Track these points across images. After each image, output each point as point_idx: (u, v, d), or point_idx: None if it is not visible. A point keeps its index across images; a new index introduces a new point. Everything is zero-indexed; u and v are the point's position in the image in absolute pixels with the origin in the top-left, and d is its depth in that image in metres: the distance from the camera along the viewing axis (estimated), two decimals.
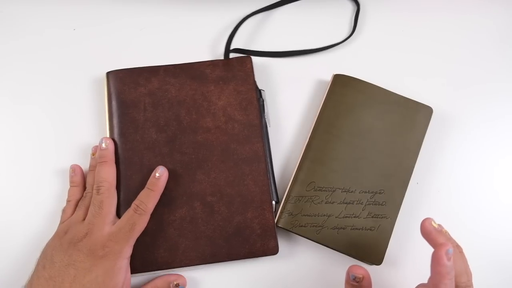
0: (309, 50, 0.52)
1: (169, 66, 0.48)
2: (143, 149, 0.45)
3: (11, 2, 0.53)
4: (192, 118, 0.47)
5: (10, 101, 0.49)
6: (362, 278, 0.39)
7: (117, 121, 0.46)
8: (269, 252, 0.44)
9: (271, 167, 0.47)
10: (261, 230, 0.44)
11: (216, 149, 0.46)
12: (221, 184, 0.45)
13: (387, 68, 0.53)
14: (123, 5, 0.53)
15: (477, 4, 0.56)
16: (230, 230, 0.44)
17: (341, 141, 0.47)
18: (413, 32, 0.54)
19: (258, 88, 0.49)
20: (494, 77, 0.53)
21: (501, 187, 0.49)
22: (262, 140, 0.46)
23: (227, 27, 0.53)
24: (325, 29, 0.54)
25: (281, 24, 0.54)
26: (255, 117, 0.47)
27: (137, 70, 0.48)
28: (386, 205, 0.46)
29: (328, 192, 0.46)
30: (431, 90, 0.52)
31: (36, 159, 0.47)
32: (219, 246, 0.44)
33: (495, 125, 0.51)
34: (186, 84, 0.48)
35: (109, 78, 0.48)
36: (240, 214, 0.44)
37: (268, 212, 0.45)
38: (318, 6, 0.55)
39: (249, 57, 0.49)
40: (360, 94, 0.49)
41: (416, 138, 0.48)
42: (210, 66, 0.48)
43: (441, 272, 0.34)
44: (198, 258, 0.43)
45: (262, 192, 0.45)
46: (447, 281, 0.34)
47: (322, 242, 0.44)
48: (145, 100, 0.47)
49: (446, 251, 0.34)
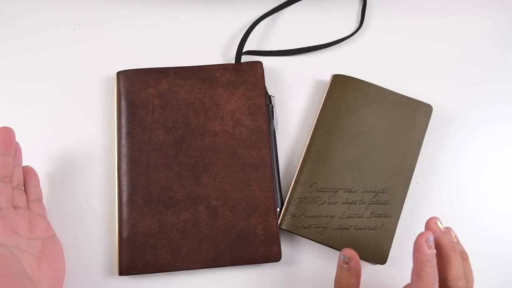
0: (319, 45, 0.52)
1: (179, 68, 0.48)
2: (150, 150, 0.45)
3: (11, 2, 0.53)
4: (200, 121, 0.47)
5: (10, 100, 0.49)
6: (351, 259, 0.39)
7: (125, 121, 0.46)
8: (271, 258, 0.44)
9: (277, 174, 0.47)
10: (264, 236, 0.44)
11: (222, 153, 0.46)
12: (226, 189, 0.45)
13: (387, 68, 0.53)
14: (123, 5, 0.53)
15: (477, 4, 0.56)
16: (233, 235, 0.44)
17: (342, 141, 0.47)
18: (413, 32, 0.55)
19: (268, 93, 0.49)
20: (494, 77, 0.53)
21: (501, 187, 0.49)
22: (269, 146, 0.46)
23: (227, 27, 0.53)
24: (331, 27, 0.54)
25: (288, 24, 0.54)
26: (263, 123, 0.47)
27: (147, 70, 0.48)
28: (388, 204, 0.46)
29: (331, 192, 0.46)
30: (431, 90, 0.52)
31: (37, 159, 0.47)
32: (222, 250, 0.43)
33: (495, 125, 0.51)
34: (195, 86, 0.48)
35: (119, 78, 0.48)
36: (244, 219, 0.44)
37: (272, 219, 0.44)
38: (322, 6, 0.55)
39: (260, 62, 0.49)
40: (360, 94, 0.49)
41: (417, 136, 0.48)
42: (220, 69, 0.48)
43: (421, 260, 0.35)
44: (200, 262, 0.43)
45: (267, 198, 0.45)
46: (428, 269, 0.34)
47: (326, 243, 0.44)
48: (154, 101, 0.47)
49: (426, 239, 0.35)
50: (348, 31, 0.54)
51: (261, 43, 0.53)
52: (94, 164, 0.47)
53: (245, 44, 0.52)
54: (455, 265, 0.36)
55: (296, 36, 0.53)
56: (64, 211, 0.45)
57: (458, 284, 0.36)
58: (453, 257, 0.37)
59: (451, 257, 0.37)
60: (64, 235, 0.44)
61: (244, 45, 0.50)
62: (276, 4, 0.54)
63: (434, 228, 0.37)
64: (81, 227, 0.45)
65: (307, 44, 0.53)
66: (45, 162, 0.47)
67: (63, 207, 0.46)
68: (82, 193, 0.46)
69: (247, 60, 0.50)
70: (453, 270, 0.36)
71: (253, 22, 0.52)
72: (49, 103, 0.49)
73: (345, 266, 0.39)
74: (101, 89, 0.50)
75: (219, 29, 0.53)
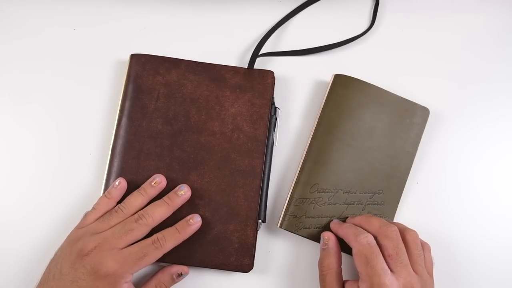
0: (329, 45, 0.52)
1: (192, 62, 0.48)
2: (145, 137, 0.46)
3: (11, 2, 0.52)
4: (200, 118, 0.47)
5: (10, 100, 0.49)
6: (328, 240, 0.44)
7: (128, 103, 0.47)
8: (241, 268, 0.44)
9: (266, 186, 0.46)
10: (239, 244, 0.44)
11: (216, 154, 0.46)
12: (212, 190, 0.45)
13: (387, 68, 0.53)
14: (123, 5, 0.53)
15: (477, 4, 0.56)
16: (208, 237, 0.44)
17: (342, 142, 0.47)
18: (413, 32, 0.54)
19: (274, 104, 0.48)
20: (495, 77, 0.53)
21: (501, 187, 0.50)
22: (262, 157, 0.46)
23: (226, 27, 0.53)
24: (341, 27, 0.54)
25: (298, 25, 0.54)
26: (262, 133, 0.46)
27: (160, 58, 0.48)
28: (384, 205, 0.47)
29: (331, 193, 0.46)
30: (431, 90, 0.52)
31: (38, 159, 0.48)
32: (194, 250, 0.43)
33: (495, 124, 0.52)
34: (203, 83, 0.48)
35: (132, 61, 0.48)
36: (222, 224, 0.44)
37: (250, 229, 0.44)
38: (331, 7, 0.55)
39: (271, 72, 0.48)
40: (360, 94, 0.48)
41: (413, 139, 0.49)
42: (231, 71, 0.48)
43: (347, 233, 0.43)
44: (170, 256, 0.43)
45: (250, 208, 0.45)
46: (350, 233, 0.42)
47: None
48: (160, 89, 0.47)
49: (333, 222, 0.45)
50: (351, 32, 0.53)
51: (274, 45, 0.53)
52: (94, 164, 0.48)
53: (247, 45, 0.52)
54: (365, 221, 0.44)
55: (303, 37, 0.53)
56: (64, 210, 0.46)
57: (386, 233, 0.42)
58: (357, 221, 0.44)
59: (359, 222, 0.44)
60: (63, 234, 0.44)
61: (259, 52, 0.50)
62: (291, 8, 0.54)
63: (331, 227, 0.45)
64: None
65: (314, 45, 0.52)
66: (45, 162, 0.48)
67: (59, 207, 0.46)
68: (83, 193, 0.47)
69: (261, 63, 0.50)
70: (370, 227, 0.43)
71: (270, 29, 0.52)
72: (49, 103, 0.49)
73: (325, 247, 0.43)
74: (101, 89, 0.50)
75: (208, 28, 0.53)
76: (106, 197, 0.43)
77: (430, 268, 0.42)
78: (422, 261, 0.41)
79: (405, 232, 0.42)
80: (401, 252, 0.40)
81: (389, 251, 0.40)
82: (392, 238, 0.41)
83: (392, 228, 0.41)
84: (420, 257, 0.41)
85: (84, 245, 0.39)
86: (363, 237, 0.41)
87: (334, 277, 0.42)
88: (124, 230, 0.40)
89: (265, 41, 0.50)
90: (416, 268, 0.41)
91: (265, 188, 0.46)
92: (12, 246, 0.45)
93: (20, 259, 0.45)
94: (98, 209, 0.43)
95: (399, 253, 0.40)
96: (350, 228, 0.43)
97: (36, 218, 0.46)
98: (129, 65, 0.48)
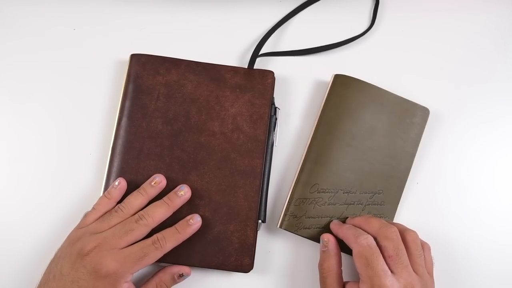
0: (330, 45, 0.52)
1: (192, 62, 0.48)
2: (145, 137, 0.46)
3: (11, 2, 0.52)
4: (200, 118, 0.47)
5: (10, 100, 0.49)
6: (328, 242, 0.44)
7: (128, 103, 0.47)
8: (241, 268, 0.44)
9: (266, 186, 0.46)
10: (239, 245, 0.44)
11: (216, 154, 0.46)
12: (212, 190, 0.45)
13: (387, 68, 0.53)
14: (123, 5, 0.53)
15: (478, 5, 0.56)
16: (208, 237, 0.44)
17: (343, 142, 0.47)
18: (413, 32, 0.54)
19: (274, 105, 0.48)
20: (495, 77, 0.53)
21: (501, 187, 0.50)
22: (262, 157, 0.46)
23: (226, 27, 0.53)
24: (340, 27, 0.54)
25: (298, 25, 0.54)
26: (262, 133, 0.46)
27: (159, 58, 0.48)
28: (384, 205, 0.47)
29: (331, 193, 0.46)
30: (431, 90, 0.52)
31: (37, 159, 0.48)
32: (194, 250, 0.43)
33: (495, 125, 0.52)
34: (203, 83, 0.48)
35: (132, 61, 0.48)
36: (222, 224, 0.44)
37: (250, 229, 0.44)
38: (331, 7, 0.55)
39: (271, 72, 0.48)
40: (360, 94, 0.48)
41: (413, 139, 0.49)
42: (231, 71, 0.48)
43: (345, 235, 0.43)
44: (171, 256, 0.43)
45: (250, 208, 0.45)
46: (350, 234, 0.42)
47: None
48: (160, 89, 0.47)
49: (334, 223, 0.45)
50: (351, 32, 0.53)
51: (274, 45, 0.53)
52: (94, 164, 0.48)
53: (246, 45, 0.52)
54: (366, 222, 0.44)
55: (303, 37, 0.53)
56: (64, 210, 0.46)
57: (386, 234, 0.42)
58: (356, 222, 0.44)
59: (358, 223, 0.44)
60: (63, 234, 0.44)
61: (259, 52, 0.50)
62: (291, 8, 0.54)
63: (331, 228, 0.45)
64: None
65: (314, 45, 0.52)
66: (45, 162, 0.48)
67: (60, 207, 0.46)
68: (83, 193, 0.47)
69: (261, 63, 0.50)
70: (370, 228, 0.43)
71: (270, 29, 0.52)
72: (49, 103, 0.49)
73: (325, 249, 0.43)
74: (101, 89, 0.50)
75: (208, 27, 0.53)
76: (106, 197, 0.43)
77: (430, 268, 0.42)
78: (423, 262, 0.41)
79: (405, 233, 0.42)
80: (401, 253, 0.40)
81: (389, 252, 0.40)
82: (392, 239, 0.41)
83: (392, 229, 0.41)
84: (421, 257, 0.41)
85: (84, 245, 0.39)
86: (363, 239, 0.41)
87: (335, 279, 0.42)
88: (124, 230, 0.40)
89: (265, 41, 0.51)
90: (416, 268, 0.41)
91: (265, 188, 0.46)
92: (12, 246, 0.45)
93: (20, 259, 0.45)
94: (98, 209, 0.43)
95: (400, 254, 0.40)
96: (350, 229, 0.43)
97: (36, 218, 0.46)
98: (129, 65, 0.48)
